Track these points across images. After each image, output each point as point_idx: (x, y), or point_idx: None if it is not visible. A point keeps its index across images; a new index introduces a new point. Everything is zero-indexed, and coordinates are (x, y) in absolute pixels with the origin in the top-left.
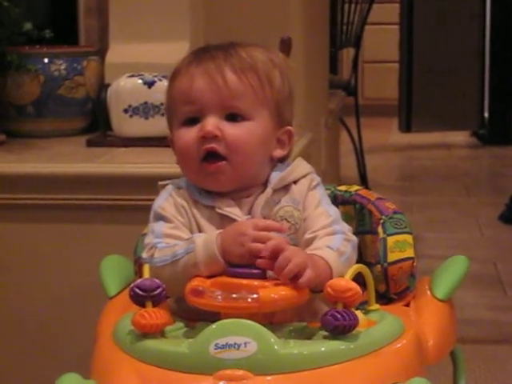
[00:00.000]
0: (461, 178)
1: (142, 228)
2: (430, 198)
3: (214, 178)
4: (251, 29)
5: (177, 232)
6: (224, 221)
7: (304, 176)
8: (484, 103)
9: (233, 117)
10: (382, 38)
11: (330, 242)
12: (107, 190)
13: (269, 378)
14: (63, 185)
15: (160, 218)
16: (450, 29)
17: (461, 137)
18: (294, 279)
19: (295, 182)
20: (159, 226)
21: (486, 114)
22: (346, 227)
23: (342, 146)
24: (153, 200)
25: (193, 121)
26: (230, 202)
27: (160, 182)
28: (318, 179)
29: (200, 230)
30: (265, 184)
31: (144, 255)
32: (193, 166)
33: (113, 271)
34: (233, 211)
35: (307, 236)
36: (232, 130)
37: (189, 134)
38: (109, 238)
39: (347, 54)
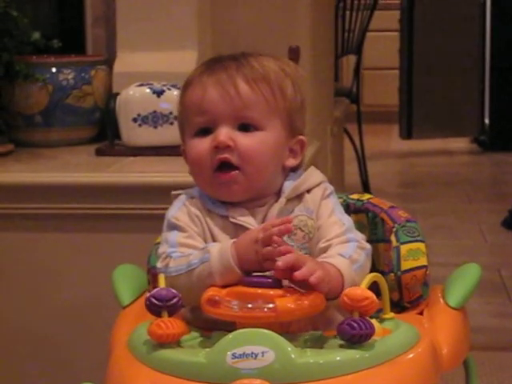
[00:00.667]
0: (462, 184)
1: (152, 237)
2: (431, 204)
3: (227, 188)
4: (258, 37)
5: (191, 241)
6: (238, 230)
7: (317, 185)
8: (484, 109)
9: (245, 127)
10: (382, 44)
11: (343, 250)
12: (117, 200)
13: None
14: (73, 194)
15: (174, 227)
16: (449, 35)
17: (462, 143)
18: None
19: (308, 191)
20: (173, 236)
21: (487, 121)
22: (359, 235)
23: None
24: (163, 209)
25: (205, 131)
26: (244, 212)
27: (173, 192)
28: (331, 188)
29: (214, 240)
30: (278, 193)
31: (159, 265)
32: (206, 176)
33: (126, 281)
34: (247, 220)
35: (321, 245)
36: (245, 140)
37: (202, 145)
38: (119, 248)
39: (347, 61)
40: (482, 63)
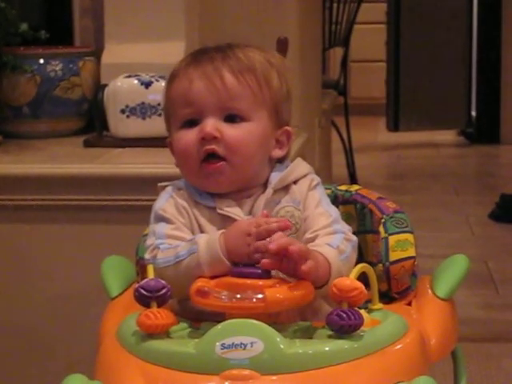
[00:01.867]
0: (449, 176)
1: (140, 228)
2: (418, 196)
3: (213, 179)
4: (247, 28)
5: (178, 233)
6: (225, 221)
7: (304, 176)
8: (471, 102)
9: (231, 118)
10: (369, 37)
11: (330, 241)
12: (105, 191)
13: (275, 377)
14: (61, 185)
15: (161, 219)
16: (436, 28)
17: (448, 136)
18: (295, 268)
19: (295, 182)
20: (161, 228)
21: (474, 113)
22: (346, 227)
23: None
24: (151, 200)
25: (192, 123)
26: (231, 203)
27: (160, 184)
28: (317, 179)
29: (201, 231)
30: (265, 184)
31: (147, 256)
32: (193, 168)
33: (114, 272)
34: (234, 211)
35: (308, 236)
36: (231, 131)
37: (188, 136)
38: (107, 239)
39: (334, 53)
40: (469, 56)
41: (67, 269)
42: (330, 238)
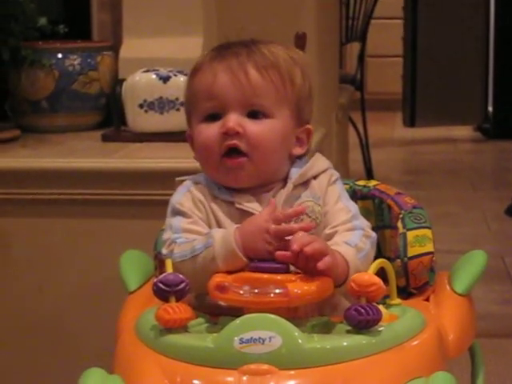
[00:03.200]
0: (466, 172)
1: (158, 223)
2: (435, 192)
3: (234, 174)
4: (264, 23)
5: (195, 227)
6: (243, 216)
7: (323, 171)
8: (488, 97)
9: (254, 114)
10: (386, 32)
11: (349, 238)
12: (123, 185)
13: (293, 372)
14: (79, 180)
15: (178, 213)
16: (453, 23)
17: (465, 131)
18: (313, 263)
19: (315, 178)
20: (177, 222)
21: (490, 108)
22: (365, 223)
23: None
24: (169, 195)
25: (214, 117)
26: (250, 198)
27: (177, 178)
28: (336, 174)
29: (219, 226)
30: (284, 180)
31: (164, 251)
32: (213, 162)
33: (132, 266)
34: (253, 206)
35: (327, 231)
36: (253, 127)
37: (210, 130)
38: (126, 234)
39: (350, 48)
40: (486, 51)
41: (86, 263)
42: (349, 236)
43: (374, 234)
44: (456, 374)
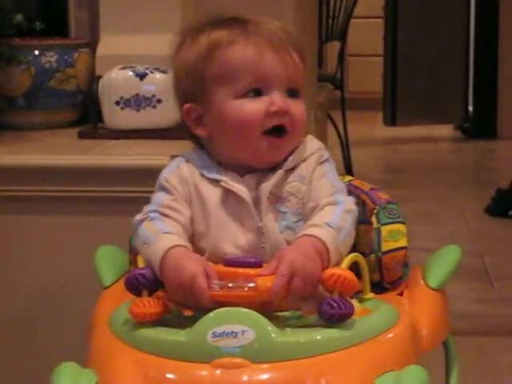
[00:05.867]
0: (446, 171)
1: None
2: (415, 191)
3: (276, 152)
4: None
5: (175, 204)
6: (229, 196)
7: (313, 153)
8: (468, 97)
9: (292, 93)
10: (367, 31)
11: (330, 217)
12: (100, 182)
13: (266, 365)
14: (55, 177)
15: (163, 188)
16: (434, 22)
17: (445, 130)
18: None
19: (304, 160)
20: (160, 197)
21: (471, 108)
22: (349, 198)
23: (328, 139)
24: (145, 192)
25: (256, 92)
26: (236, 177)
27: (172, 154)
28: (326, 155)
29: (203, 205)
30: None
31: (137, 217)
32: (252, 138)
33: (108, 261)
34: (238, 187)
35: (310, 205)
36: (296, 107)
37: (253, 106)
38: (100, 230)
39: (331, 47)
40: (466, 50)
41: (61, 259)
42: (330, 213)
43: (354, 208)
44: (432, 370)
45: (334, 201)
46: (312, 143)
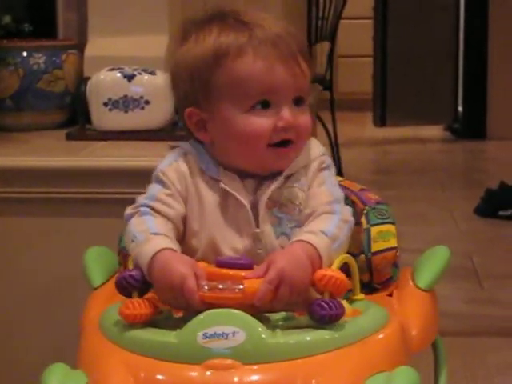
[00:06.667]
0: (435, 172)
1: (122, 221)
2: (404, 191)
3: (282, 161)
4: None
5: (169, 200)
6: (226, 196)
7: (315, 159)
8: (458, 97)
9: (299, 100)
10: (356, 32)
11: (325, 226)
12: (88, 184)
13: (256, 367)
14: (43, 178)
15: (159, 181)
16: (423, 23)
17: (435, 131)
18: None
19: (305, 166)
20: (155, 190)
21: (460, 109)
22: (346, 208)
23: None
24: (134, 193)
25: (263, 104)
26: (236, 180)
27: (170, 143)
28: (328, 161)
29: (200, 201)
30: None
31: (128, 210)
32: (259, 150)
33: (97, 262)
34: (237, 190)
35: (306, 211)
36: (303, 118)
37: (263, 121)
38: (89, 232)
39: (321, 48)
40: (456, 51)
41: (49, 261)
42: (326, 221)
43: (352, 220)
44: (422, 371)
45: (332, 210)
46: (315, 148)
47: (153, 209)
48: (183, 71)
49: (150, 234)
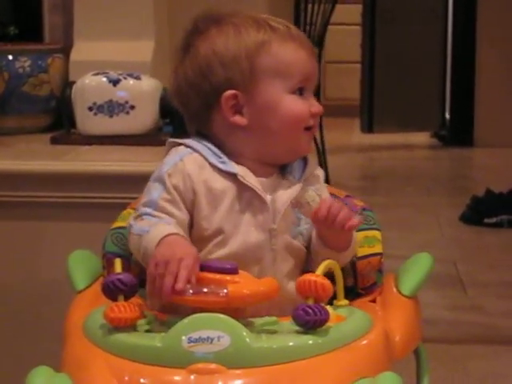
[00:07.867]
0: (422, 178)
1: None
2: (391, 198)
3: (310, 144)
4: None
5: (169, 207)
6: (242, 190)
7: (317, 167)
8: (445, 104)
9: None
10: (344, 38)
11: None
12: (72, 188)
13: (241, 371)
14: (27, 182)
15: (162, 182)
16: (411, 30)
17: (422, 138)
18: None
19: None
20: (157, 193)
21: (447, 115)
22: None
23: None
24: (118, 198)
25: (300, 91)
26: (251, 175)
27: (170, 139)
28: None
29: (213, 197)
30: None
31: (131, 221)
32: (297, 132)
33: (80, 266)
34: (253, 183)
35: None
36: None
37: (302, 106)
38: (73, 236)
39: None
40: (444, 58)
41: (33, 265)
42: None
43: None
44: (405, 378)
45: None
46: (314, 158)
47: (155, 217)
48: (214, 61)
49: (160, 224)
